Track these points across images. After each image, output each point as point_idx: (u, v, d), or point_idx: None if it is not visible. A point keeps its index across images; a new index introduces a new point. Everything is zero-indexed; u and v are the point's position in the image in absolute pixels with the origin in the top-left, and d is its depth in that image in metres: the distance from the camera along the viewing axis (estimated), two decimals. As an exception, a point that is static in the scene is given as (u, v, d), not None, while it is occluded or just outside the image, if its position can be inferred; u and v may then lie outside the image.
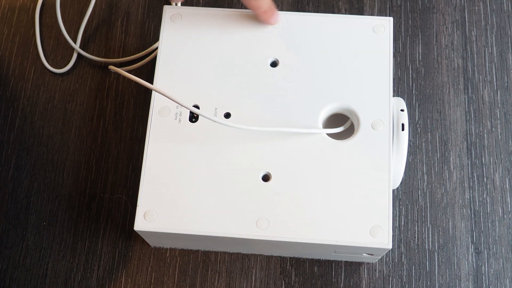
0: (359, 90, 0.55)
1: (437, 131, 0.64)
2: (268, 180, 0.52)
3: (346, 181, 0.52)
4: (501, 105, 0.65)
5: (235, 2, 0.69)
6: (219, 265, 0.60)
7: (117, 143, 0.64)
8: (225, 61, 0.56)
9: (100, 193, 0.62)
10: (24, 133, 0.64)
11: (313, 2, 0.69)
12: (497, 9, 0.68)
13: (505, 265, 0.59)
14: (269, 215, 0.51)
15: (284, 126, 0.53)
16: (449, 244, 0.60)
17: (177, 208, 0.52)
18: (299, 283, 0.59)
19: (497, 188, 0.62)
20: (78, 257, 0.60)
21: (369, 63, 0.55)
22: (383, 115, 0.54)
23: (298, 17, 0.57)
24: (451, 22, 0.68)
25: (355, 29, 0.57)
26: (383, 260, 0.59)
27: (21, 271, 0.60)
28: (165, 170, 0.53)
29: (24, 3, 0.70)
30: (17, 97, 0.66)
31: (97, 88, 0.66)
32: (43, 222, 0.61)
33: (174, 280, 0.59)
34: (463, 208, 0.61)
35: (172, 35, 0.57)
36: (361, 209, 0.51)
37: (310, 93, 0.55)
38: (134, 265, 0.60)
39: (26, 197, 0.62)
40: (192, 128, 0.54)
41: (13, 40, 0.68)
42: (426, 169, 0.62)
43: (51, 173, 0.63)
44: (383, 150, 0.53)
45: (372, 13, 0.68)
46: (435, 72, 0.66)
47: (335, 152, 0.53)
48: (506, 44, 0.67)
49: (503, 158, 0.63)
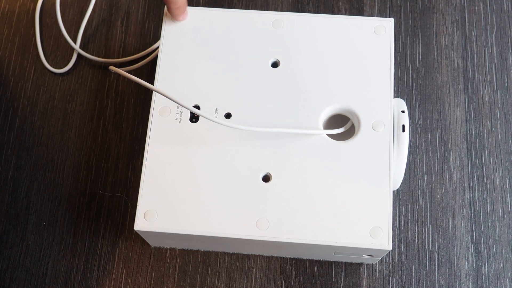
0: (360, 91, 0.55)
1: (437, 131, 0.64)
2: (268, 180, 0.52)
3: (346, 182, 0.52)
4: (501, 105, 0.65)
5: (235, 2, 0.69)
6: (219, 265, 0.60)
7: (117, 143, 0.64)
8: (226, 61, 0.56)
9: (100, 193, 0.62)
10: (24, 133, 0.64)
11: (313, 2, 0.69)
12: (497, 9, 0.68)
13: (505, 265, 0.59)
14: (269, 216, 0.51)
15: (285, 126, 0.53)
16: (449, 244, 0.60)
17: (177, 208, 0.52)
18: (299, 283, 0.59)
19: (497, 188, 0.62)
20: (78, 257, 0.60)
21: (370, 64, 0.55)
22: (383, 116, 0.54)
23: (299, 18, 0.57)
24: (451, 22, 0.68)
25: (356, 30, 0.57)
26: (383, 260, 0.59)
27: (21, 271, 0.60)
28: (165, 170, 0.53)
29: (24, 3, 0.70)
30: (17, 97, 0.66)
31: (97, 88, 0.66)
32: (43, 222, 0.61)
33: (174, 280, 0.59)
34: (463, 208, 0.61)
35: (173, 35, 0.57)
36: (361, 210, 0.51)
37: (311, 94, 0.55)
38: (134, 265, 0.60)
39: (26, 197, 0.62)
40: (193, 128, 0.54)
41: (13, 40, 0.68)
42: (426, 169, 0.62)
43: (51, 173, 0.63)
44: (384, 151, 0.53)
45: (372, 13, 0.68)
46: (435, 72, 0.66)
47: (336, 153, 0.53)
48: (506, 44, 0.67)
49: (503, 158, 0.63)
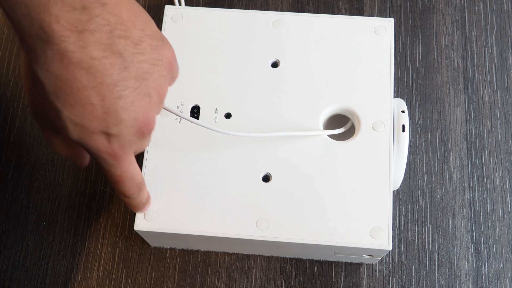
0: (360, 91, 0.55)
1: (437, 131, 0.64)
2: (268, 180, 0.52)
3: (346, 182, 0.52)
4: (501, 105, 0.65)
5: (235, 2, 0.69)
6: (219, 265, 0.60)
7: (117, 143, 0.64)
8: (226, 61, 0.56)
9: (100, 193, 0.62)
10: (24, 133, 0.64)
11: (313, 2, 0.69)
12: (497, 9, 0.68)
13: (505, 265, 0.59)
14: (269, 216, 0.51)
15: (285, 126, 0.53)
16: (449, 244, 0.60)
17: (177, 208, 0.52)
18: (299, 283, 0.59)
19: (497, 188, 0.62)
20: (78, 257, 0.60)
21: (370, 64, 0.55)
22: (384, 116, 0.54)
23: (299, 18, 0.57)
24: (451, 22, 0.68)
25: (356, 30, 0.57)
26: (383, 260, 0.59)
27: (21, 271, 0.60)
28: (165, 170, 0.53)
29: (24, 3, 0.70)
30: (17, 97, 0.66)
31: (97, 88, 0.66)
32: (43, 222, 0.61)
33: (174, 280, 0.59)
34: (463, 208, 0.61)
35: (173, 35, 0.57)
36: (361, 210, 0.51)
37: (311, 94, 0.55)
38: (134, 265, 0.60)
39: (26, 197, 0.62)
40: (193, 128, 0.54)
41: (13, 40, 0.68)
42: (426, 169, 0.62)
43: (51, 173, 0.63)
44: (384, 151, 0.53)
45: (372, 13, 0.68)
46: (435, 72, 0.66)
47: (336, 153, 0.53)
48: (506, 44, 0.67)
49: (503, 158, 0.63)
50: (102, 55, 0.36)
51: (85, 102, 0.37)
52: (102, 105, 0.37)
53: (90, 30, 0.35)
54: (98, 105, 0.37)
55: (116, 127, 0.38)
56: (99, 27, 0.35)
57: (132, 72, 0.37)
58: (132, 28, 0.38)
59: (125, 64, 0.37)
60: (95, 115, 0.37)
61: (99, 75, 0.36)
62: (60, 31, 0.34)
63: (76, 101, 0.36)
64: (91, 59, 0.35)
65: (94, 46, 0.35)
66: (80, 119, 0.37)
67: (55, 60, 0.35)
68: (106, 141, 0.39)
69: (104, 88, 0.36)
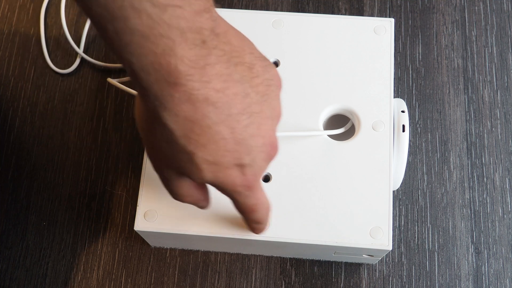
0: (360, 91, 0.55)
1: (437, 131, 0.64)
2: (268, 180, 0.52)
3: (347, 182, 0.52)
4: (501, 105, 0.65)
5: (235, 2, 0.69)
6: (219, 265, 0.60)
7: (117, 143, 0.64)
8: (225, 62, 0.56)
9: (100, 194, 0.62)
10: (24, 133, 0.64)
11: (313, 2, 0.69)
12: (497, 9, 0.68)
13: (505, 265, 0.59)
14: (269, 216, 0.51)
15: (285, 126, 0.53)
16: (449, 244, 0.60)
17: (177, 208, 0.52)
18: (299, 283, 0.59)
19: (497, 188, 0.62)
20: (78, 257, 0.60)
21: (370, 64, 0.55)
22: (384, 116, 0.54)
23: (299, 18, 0.57)
24: (451, 22, 0.68)
25: (356, 30, 0.57)
26: (383, 260, 0.59)
27: (21, 271, 0.60)
28: (166, 170, 0.53)
29: (24, 3, 0.70)
30: (17, 97, 0.66)
31: (97, 88, 0.66)
32: (43, 222, 0.61)
33: (174, 280, 0.59)
34: (463, 208, 0.61)
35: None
36: (361, 210, 0.51)
37: (311, 94, 0.55)
38: (134, 265, 0.60)
39: (26, 197, 0.62)
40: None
41: (13, 40, 0.68)
42: (426, 169, 0.62)
43: (51, 173, 0.63)
44: (384, 151, 0.53)
45: (372, 13, 0.68)
46: (435, 72, 0.66)
47: (336, 153, 0.53)
48: (506, 44, 0.67)
49: (503, 158, 0.63)
50: (225, 86, 0.35)
51: (218, 138, 0.36)
52: (233, 137, 0.36)
53: (211, 64, 0.34)
54: (229, 138, 0.36)
55: (248, 157, 0.37)
56: (218, 58, 0.35)
57: (253, 97, 0.37)
58: (244, 54, 0.37)
59: (246, 91, 0.36)
60: (228, 149, 0.36)
61: (226, 107, 0.35)
62: (185, 71, 0.33)
63: (209, 139, 0.36)
64: (216, 92, 0.35)
65: (216, 79, 0.34)
66: (214, 157, 0.36)
67: (182, 101, 0.34)
68: (241, 173, 0.38)
69: (232, 119, 0.36)
